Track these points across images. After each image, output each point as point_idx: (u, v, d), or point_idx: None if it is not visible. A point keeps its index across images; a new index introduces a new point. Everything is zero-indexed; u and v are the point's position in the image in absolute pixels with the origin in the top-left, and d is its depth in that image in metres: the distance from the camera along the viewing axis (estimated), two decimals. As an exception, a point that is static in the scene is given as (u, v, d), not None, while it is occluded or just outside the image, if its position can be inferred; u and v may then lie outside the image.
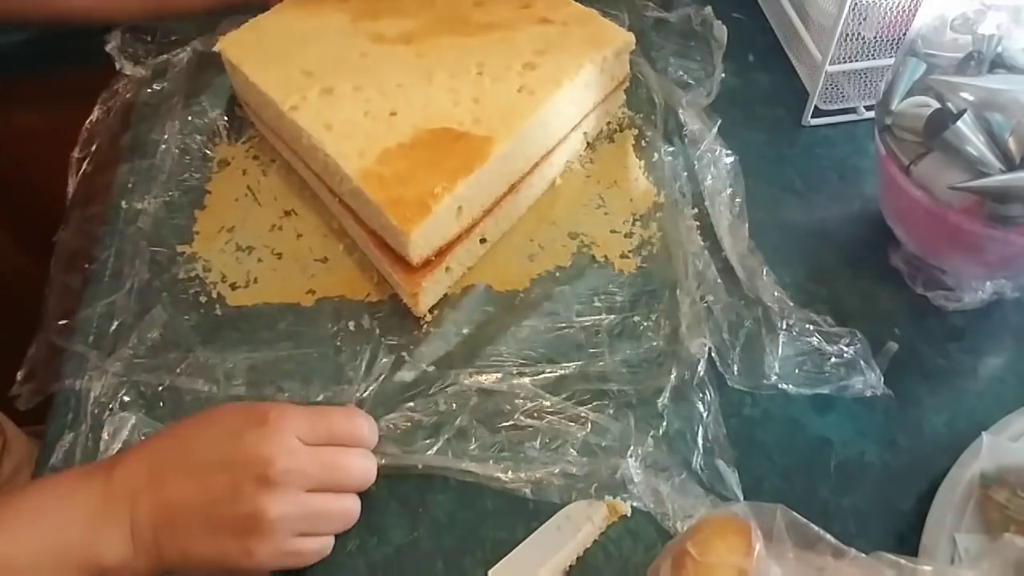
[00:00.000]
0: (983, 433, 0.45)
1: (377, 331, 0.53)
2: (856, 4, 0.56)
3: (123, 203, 0.60)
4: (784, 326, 0.51)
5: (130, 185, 0.61)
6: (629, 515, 0.45)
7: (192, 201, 0.60)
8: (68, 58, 0.74)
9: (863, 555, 0.37)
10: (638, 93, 0.66)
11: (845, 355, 0.50)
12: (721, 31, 0.67)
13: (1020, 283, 0.53)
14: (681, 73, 0.67)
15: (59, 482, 0.42)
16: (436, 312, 0.54)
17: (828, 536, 0.37)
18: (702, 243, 0.56)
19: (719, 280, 0.54)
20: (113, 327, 0.53)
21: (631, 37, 0.60)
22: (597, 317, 0.53)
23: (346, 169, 0.51)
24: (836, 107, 0.65)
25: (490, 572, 0.43)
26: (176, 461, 0.42)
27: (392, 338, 0.53)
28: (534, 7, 0.62)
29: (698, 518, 0.43)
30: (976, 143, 0.45)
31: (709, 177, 0.59)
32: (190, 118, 0.65)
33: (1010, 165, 0.45)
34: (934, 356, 0.52)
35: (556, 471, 0.46)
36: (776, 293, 0.53)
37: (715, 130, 0.61)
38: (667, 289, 0.55)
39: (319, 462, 0.42)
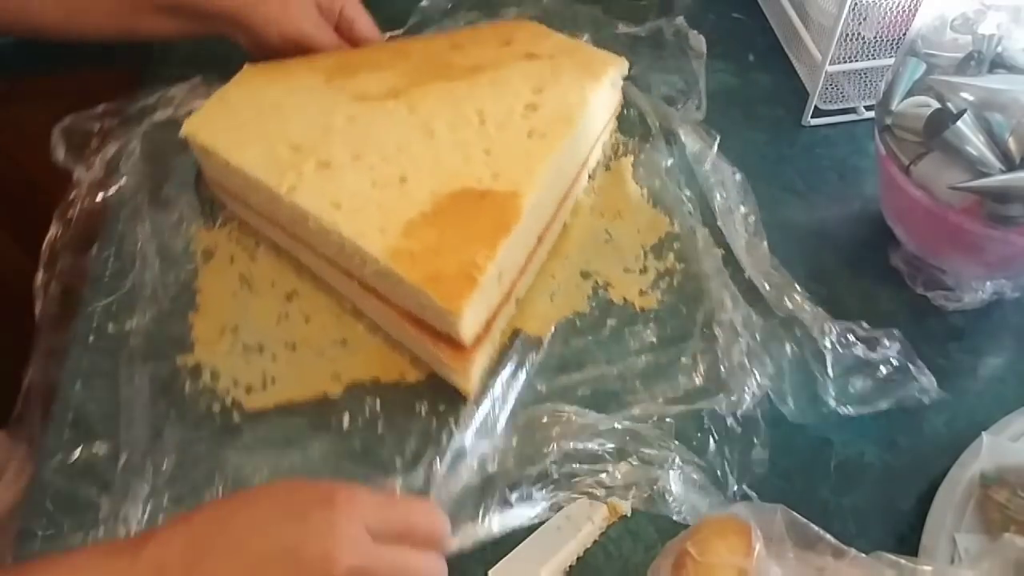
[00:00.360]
0: (983, 433, 0.45)
1: (422, 412, 0.49)
2: (856, 4, 0.56)
3: (109, 327, 0.53)
4: (827, 344, 0.49)
5: (113, 308, 0.54)
6: (629, 515, 0.45)
7: (183, 305, 0.54)
8: (68, 58, 0.74)
9: (863, 555, 0.37)
10: (628, 116, 0.64)
11: (891, 361, 0.48)
12: (698, 41, 0.65)
13: (1020, 283, 0.53)
14: (665, 88, 0.65)
15: (76, 561, 0.36)
16: (477, 384, 0.50)
17: (828, 536, 0.37)
18: (724, 268, 0.54)
19: (750, 307, 0.51)
20: (121, 463, 0.47)
21: (623, 62, 0.58)
22: (628, 360, 0.51)
23: (370, 250, 0.46)
24: (836, 107, 0.65)
25: (490, 572, 0.43)
26: (220, 542, 0.35)
27: (439, 417, 0.48)
28: (515, 43, 0.58)
29: (699, 519, 0.43)
30: (976, 143, 0.45)
31: (718, 197, 0.57)
32: (160, 214, 0.58)
33: (1010, 165, 0.45)
34: (934, 356, 0.52)
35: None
36: (809, 308, 0.50)
37: (715, 147, 0.59)
38: (696, 323, 0.52)
39: (390, 565, 0.36)
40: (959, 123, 0.45)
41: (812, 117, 0.65)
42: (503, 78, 0.55)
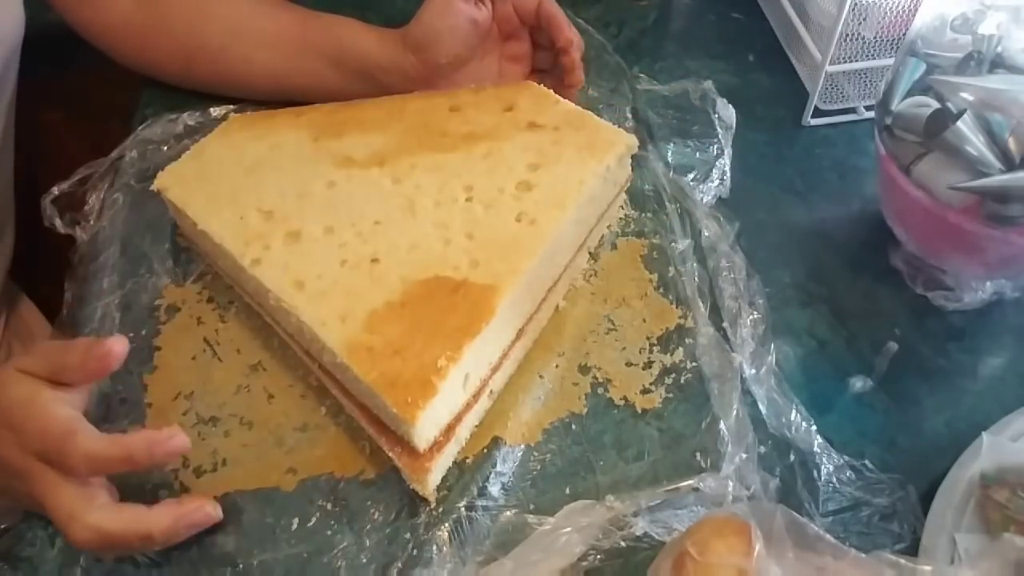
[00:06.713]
0: (983, 433, 0.45)
1: (378, 517, 0.45)
2: (856, 4, 0.56)
3: None
4: (822, 476, 0.46)
5: None
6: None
7: (140, 363, 0.50)
8: (69, 59, 0.74)
9: (863, 555, 0.37)
10: (641, 188, 0.59)
11: (889, 508, 0.45)
12: (728, 111, 0.62)
13: (1020, 283, 0.53)
14: (684, 159, 0.61)
15: None
16: (443, 492, 0.46)
17: (828, 536, 0.37)
18: (736, 368, 0.50)
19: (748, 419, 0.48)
20: (53, 553, 0.43)
21: (633, 140, 0.53)
22: (624, 467, 0.47)
23: (327, 341, 0.43)
24: (836, 107, 0.65)
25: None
26: None
27: (397, 526, 0.44)
28: (518, 109, 0.55)
29: (698, 518, 0.43)
30: (976, 143, 0.45)
31: (728, 296, 0.52)
32: (128, 265, 0.55)
33: (1010, 165, 0.45)
34: (934, 356, 0.52)
35: None
36: (810, 436, 0.47)
37: (733, 236, 0.55)
38: (701, 429, 0.48)
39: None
40: (959, 123, 0.45)
41: (812, 117, 0.65)
42: (499, 150, 0.52)
